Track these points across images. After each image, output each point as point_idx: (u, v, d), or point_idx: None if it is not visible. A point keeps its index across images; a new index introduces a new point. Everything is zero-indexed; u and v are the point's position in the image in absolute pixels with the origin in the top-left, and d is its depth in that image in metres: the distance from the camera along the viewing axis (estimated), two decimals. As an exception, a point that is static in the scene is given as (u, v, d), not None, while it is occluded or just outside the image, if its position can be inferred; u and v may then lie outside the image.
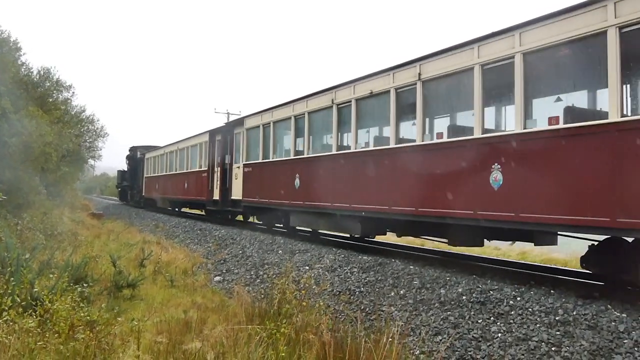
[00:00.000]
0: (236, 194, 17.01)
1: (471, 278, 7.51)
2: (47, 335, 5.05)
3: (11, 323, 5.11)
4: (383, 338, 5.10)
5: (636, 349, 4.83)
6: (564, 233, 7.14)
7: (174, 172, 25.46)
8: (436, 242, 10.87)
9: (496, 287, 6.83)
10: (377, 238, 13.87)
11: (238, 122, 17.73)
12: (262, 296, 7.95)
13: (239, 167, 16.83)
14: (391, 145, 9.70)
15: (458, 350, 5.83)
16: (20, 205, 16.24)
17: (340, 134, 11.77)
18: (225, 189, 18.23)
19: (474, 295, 6.74)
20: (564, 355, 5.11)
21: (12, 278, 6.14)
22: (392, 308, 7.22)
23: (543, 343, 5.37)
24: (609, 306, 5.72)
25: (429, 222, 8.87)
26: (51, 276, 6.97)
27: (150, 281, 10.01)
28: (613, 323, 5.28)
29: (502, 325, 5.93)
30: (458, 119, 9.42)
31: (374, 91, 10.10)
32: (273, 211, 14.62)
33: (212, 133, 20.10)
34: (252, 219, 19.55)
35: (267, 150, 15.00)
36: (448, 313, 6.59)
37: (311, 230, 14.67)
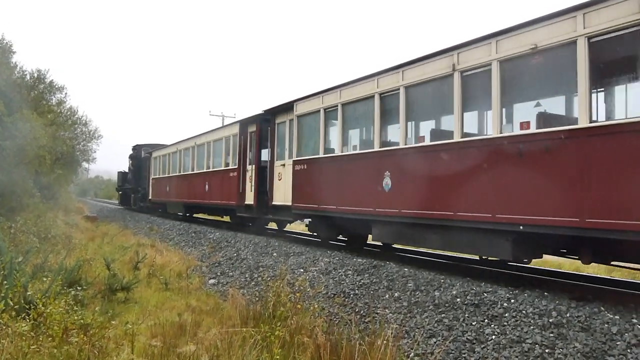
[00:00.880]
0: (280, 199, 13.75)
1: (465, 280, 7.53)
2: (41, 338, 5.04)
3: (4, 327, 5.10)
4: (377, 340, 5.11)
5: (629, 351, 4.86)
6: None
7: (191, 173, 21.78)
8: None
9: (490, 290, 6.85)
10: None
11: (283, 109, 13.84)
12: (257, 299, 7.94)
13: (285, 165, 13.51)
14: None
15: (452, 352, 5.84)
16: (13, 208, 16.19)
17: (462, 115, 8.21)
18: (262, 192, 14.95)
19: (468, 297, 6.76)
20: (558, 357, 5.13)
21: (5, 281, 6.13)
22: (387, 310, 7.23)
23: (537, 345, 5.39)
24: (602, 308, 5.76)
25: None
26: (45, 279, 6.96)
27: (144, 284, 9.99)
28: (606, 325, 5.31)
29: (496, 327, 5.95)
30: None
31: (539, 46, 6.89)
32: (344, 221, 11.08)
33: (244, 124, 16.64)
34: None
35: (332, 141, 11.89)
36: (442, 315, 6.61)
37: (414, 247, 12.06)
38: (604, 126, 6.27)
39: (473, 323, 6.19)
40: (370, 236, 11.22)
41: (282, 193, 13.54)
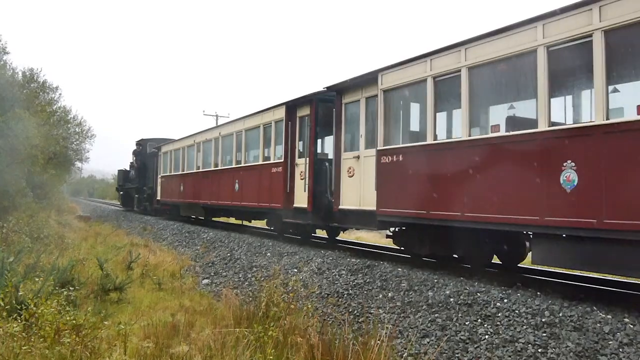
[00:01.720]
0: (351, 201, 10.45)
1: (459, 280, 7.54)
2: (33, 339, 5.01)
3: (-4, 327, 5.06)
4: (371, 340, 5.11)
5: (621, 350, 4.88)
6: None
7: (214, 169, 18.20)
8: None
9: (483, 289, 6.86)
10: (365, 239, 13.61)
11: (355, 84, 10.49)
12: (250, 299, 7.93)
13: (360, 158, 10.33)
14: None
15: (446, 352, 5.85)
16: (6, 207, 16.11)
17: None
18: (319, 193, 11.78)
19: (462, 297, 6.77)
20: (550, 356, 5.15)
21: (-3, 282, 6.09)
22: (380, 310, 7.24)
23: (529, 345, 5.41)
24: (594, 308, 5.78)
25: None
26: (37, 280, 6.91)
27: (137, 284, 9.96)
28: (598, 324, 5.33)
29: (489, 327, 5.96)
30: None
31: None
32: (471, 234, 8.15)
33: (292, 106, 13.03)
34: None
35: (447, 122, 9.46)
36: (436, 315, 6.62)
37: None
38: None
39: (466, 323, 6.21)
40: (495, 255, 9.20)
41: (356, 194, 10.28)
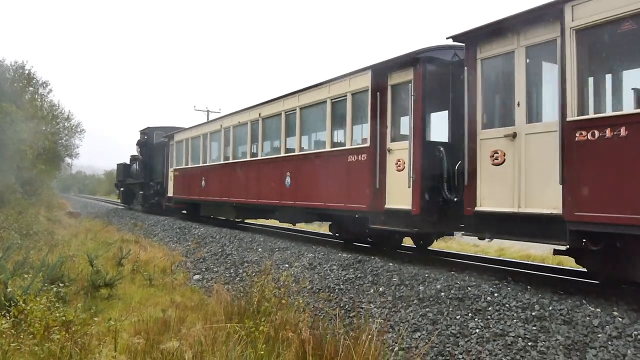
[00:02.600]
0: (498, 200, 7.27)
1: (449, 275, 7.57)
2: (22, 336, 4.98)
3: (-17, 324, 5.02)
4: (362, 335, 5.11)
5: (610, 343, 4.92)
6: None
7: (252, 159, 14.35)
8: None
9: (474, 284, 6.89)
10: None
11: (511, 26, 7.14)
12: (242, 294, 7.92)
13: (517, 136, 7.06)
14: None
15: (436, 346, 5.87)
16: (-6, 204, 15.96)
17: None
18: (431, 188, 8.68)
19: (452, 291, 6.80)
20: (540, 350, 5.18)
21: (-15, 278, 6.04)
22: (372, 305, 7.25)
23: (520, 338, 5.44)
24: (584, 301, 5.83)
25: None
26: (26, 276, 6.87)
27: (128, 280, 9.92)
28: (588, 318, 5.37)
29: (480, 321, 5.99)
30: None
31: None
32: None
33: (382, 71, 9.57)
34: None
35: None
36: (427, 309, 6.64)
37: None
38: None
39: (457, 317, 6.23)
40: None
41: (509, 189, 7.09)
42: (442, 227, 9.15)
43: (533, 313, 5.74)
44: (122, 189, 32.00)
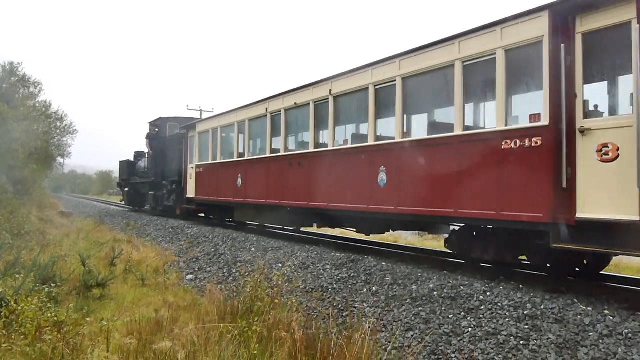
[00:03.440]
0: None
1: (442, 274, 7.59)
2: (13, 337, 4.95)
3: (-26, 325, 4.99)
4: (355, 334, 5.12)
5: (601, 342, 4.95)
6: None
7: (320, 151, 11.05)
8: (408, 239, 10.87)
9: (467, 283, 6.92)
10: (349, 235, 12.95)
11: None
12: (235, 294, 7.91)
13: None
14: None
15: (429, 345, 5.89)
16: (-15, 204, 15.86)
17: None
18: None
19: (445, 290, 6.82)
20: (532, 348, 5.21)
21: (-24, 279, 6.01)
22: (365, 304, 7.26)
23: (512, 337, 5.46)
24: (575, 300, 5.86)
25: None
26: (17, 276, 6.83)
27: (120, 280, 9.88)
28: (579, 316, 5.41)
29: (473, 320, 6.01)
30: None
31: None
32: None
33: (565, 13, 6.44)
34: None
35: None
36: (420, 309, 6.66)
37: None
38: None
39: (450, 316, 6.25)
40: None
41: None
42: None
43: (525, 312, 5.77)
44: (127, 189, 28.53)
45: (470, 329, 5.87)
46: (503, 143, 6.97)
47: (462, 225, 8.28)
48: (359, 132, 10.63)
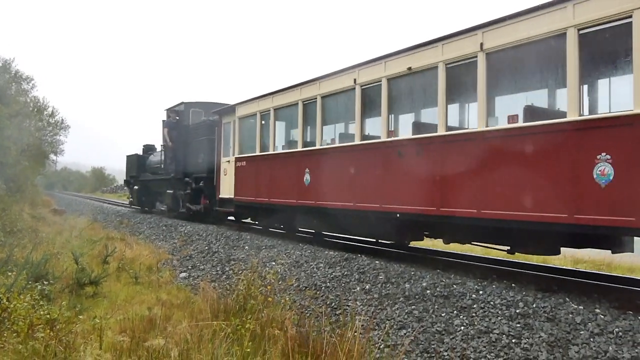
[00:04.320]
0: None
1: (435, 272, 7.62)
2: (5, 334, 4.93)
3: (-34, 323, 4.97)
4: (348, 332, 5.14)
5: (592, 340, 4.99)
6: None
7: (448, 134, 7.65)
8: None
9: (459, 282, 6.95)
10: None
11: None
12: (228, 292, 7.91)
13: None
14: None
15: (422, 343, 5.91)
16: (-23, 201, 15.78)
17: None
18: None
19: (438, 289, 6.85)
20: (524, 346, 5.24)
21: (-32, 276, 5.98)
22: (358, 303, 7.28)
23: (504, 335, 5.50)
24: (567, 299, 5.91)
25: None
26: (9, 274, 6.79)
27: (113, 278, 9.85)
28: (570, 315, 5.45)
29: (465, 318, 6.04)
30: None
31: None
32: None
33: None
34: None
35: None
36: (412, 307, 6.68)
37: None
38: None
39: (442, 314, 6.28)
40: None
41: None
42: None
43: (517, 310, 5.81)
44: (136, 188, 24.56)
45: (462, 327, 5.90)
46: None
47: None
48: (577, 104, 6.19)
